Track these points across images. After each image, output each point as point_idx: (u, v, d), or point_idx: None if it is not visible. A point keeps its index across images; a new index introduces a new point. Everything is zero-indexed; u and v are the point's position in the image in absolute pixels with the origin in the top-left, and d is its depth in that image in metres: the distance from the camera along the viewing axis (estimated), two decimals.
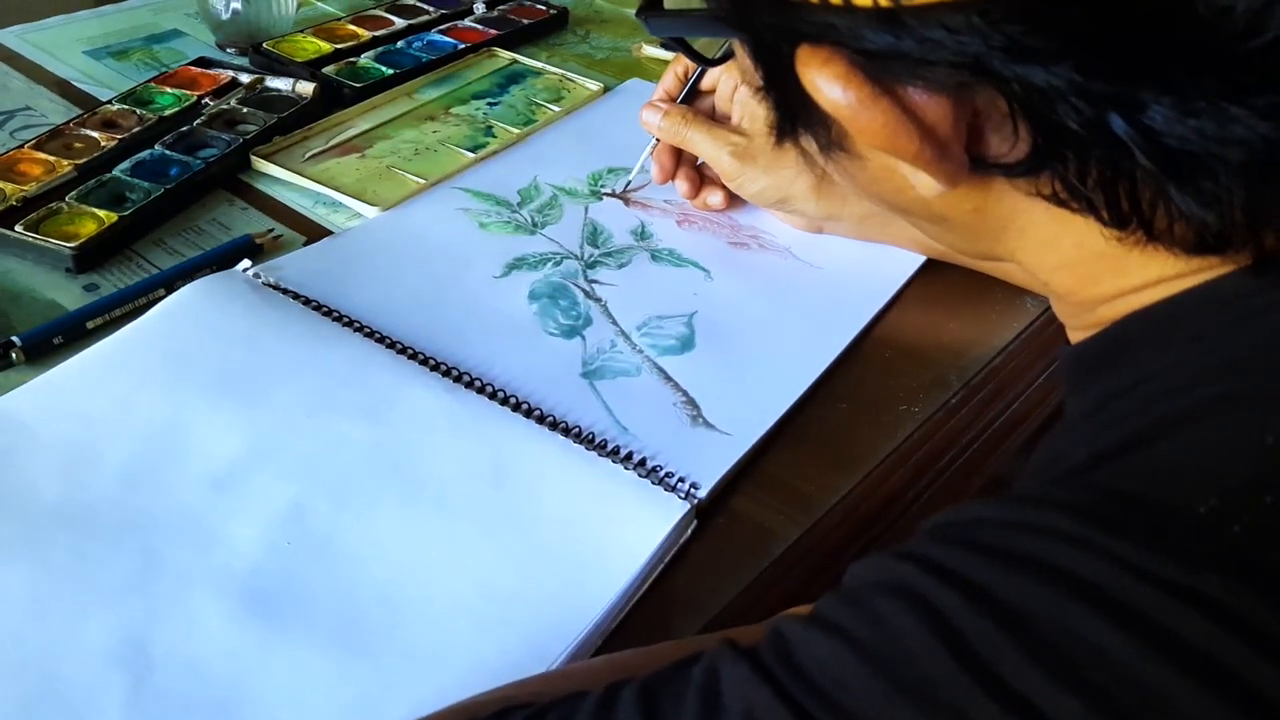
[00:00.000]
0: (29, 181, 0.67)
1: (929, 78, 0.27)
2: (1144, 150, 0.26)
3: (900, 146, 0.29)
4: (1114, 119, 0.26)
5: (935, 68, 0.27)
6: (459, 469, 0.50)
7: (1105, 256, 0.30)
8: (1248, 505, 0.24)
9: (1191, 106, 0.25)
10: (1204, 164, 0.26)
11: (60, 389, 0.52)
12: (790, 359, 0.61)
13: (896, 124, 0.28)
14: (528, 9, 0.99)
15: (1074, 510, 0.25)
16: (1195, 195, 0.27)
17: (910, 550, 0.26)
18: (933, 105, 0.28)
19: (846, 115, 0.29)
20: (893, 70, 0.28)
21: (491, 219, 0.70)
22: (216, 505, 0.48)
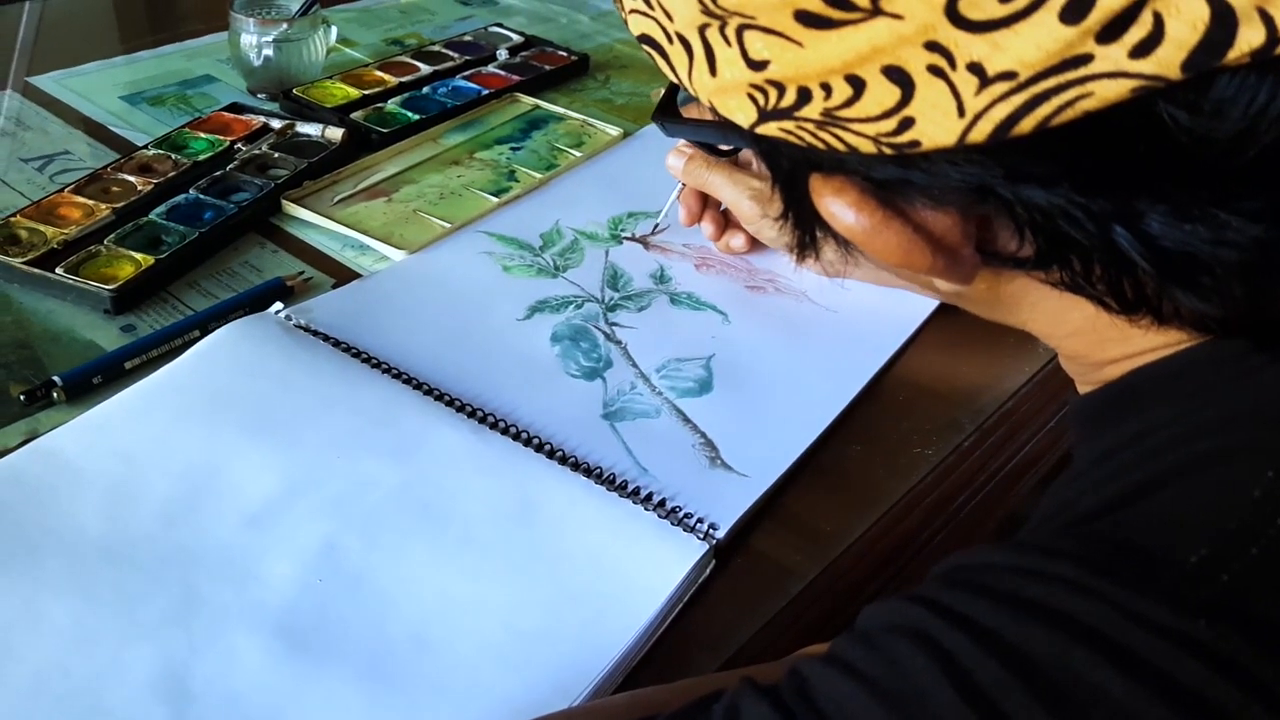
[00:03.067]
0: (69, 225, 0.69)
1: (937, 197, 0.29)
2: (1143, 255, 0.27)
3: (914, 262, 0.31)
4: (1114, 229, 0.27)
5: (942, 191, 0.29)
6: (485, 509, 0.52)
7: (1114, 327, 0.32)
8: (1236, 555, 0.25)
9: (1186, 214, 0.27)
10: (1202, 263, 0.27)
11: (101, 428, 0.54)
12: (806, 401, 0.62)
13: (909, 243, 0.30)
14: (550, 55, 1.02)
15: (1076, 558, 0.26)
16: (1195, 292, 0.29)
17: (921, 594, 0.28)
18: (942, 219, 0.30)
19: (861, 238, 0.31)
20: (902, 193, 0.30)
21: (514, 262, 0.72)
22: (252, 542, 0.49)
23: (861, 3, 0.25)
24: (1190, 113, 0.25)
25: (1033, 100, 0.25)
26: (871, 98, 0.26)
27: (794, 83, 0.27)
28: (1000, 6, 0.24)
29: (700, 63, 0.29)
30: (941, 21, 0.24)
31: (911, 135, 0.27)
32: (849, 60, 0.26)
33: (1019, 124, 0.25)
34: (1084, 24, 0.23)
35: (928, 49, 0.25)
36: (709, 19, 0.28)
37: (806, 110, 0.28)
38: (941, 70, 0.25)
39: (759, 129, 0.29)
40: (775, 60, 0.27)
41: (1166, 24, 0.23)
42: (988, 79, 0.25)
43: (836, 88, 0.27)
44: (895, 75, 0.26)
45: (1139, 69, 0.24)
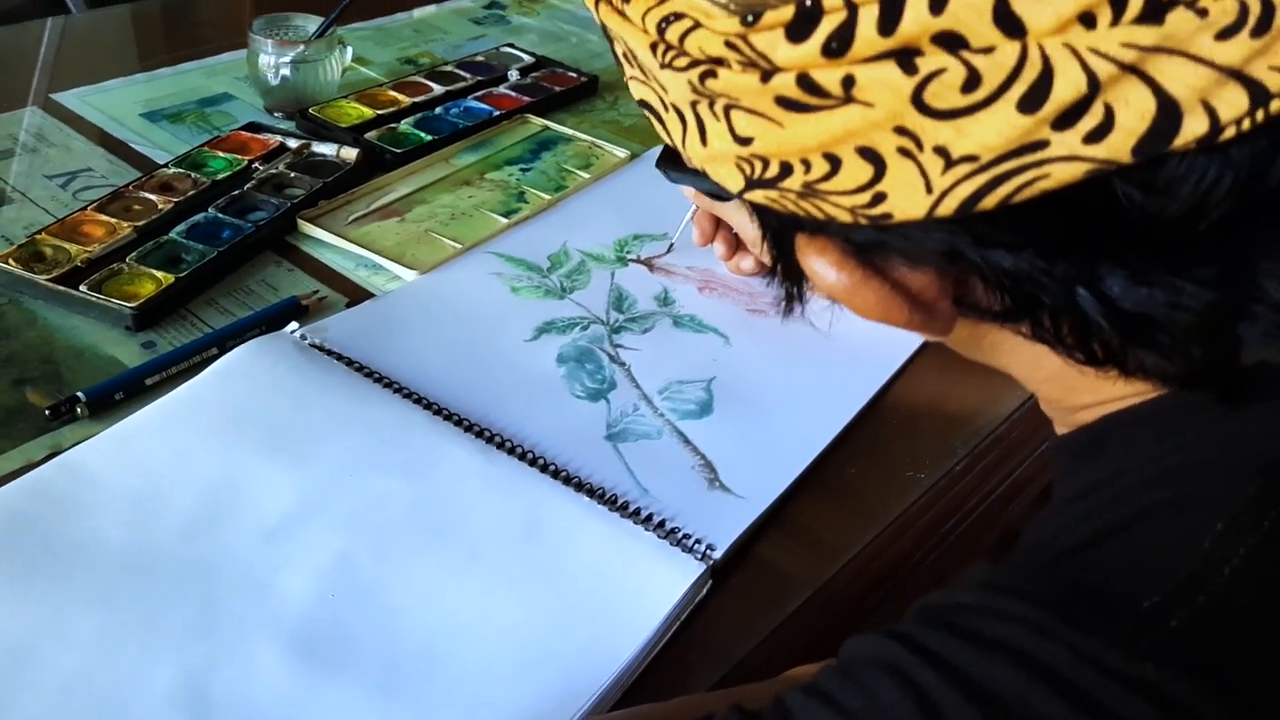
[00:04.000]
0: (92, 243, 0.72)
1: (913, 258, 0.32)
2: (1104, 316, 0.30)
3: (892, 317, 0.33)
4: (1077, 291, 0.29)
5: (917, 253, 0.31)
6: (492, 527, 0.54)
7: (1084, 377, 0.34)
8: (1185, 602, 0.27)
9: (1143, 279, 0.29)
10: (1160, 324, 0.29)
11: (124, 443, 0.57)
12: (803, 425, 0.64)
13: (888, 300, 0.32)
14: (560, 76, 1.04)
15: (1040, 601, 0.28)
16: (1155, 350, 0.31)
17: (898, 630, 0.30)
18: (919, 277, 0.32)
19: (842, 296, 0.33)
20: (881, 254, 0.32)
21: (523, 284, 0.74)
22: (269, 556, 0.51)
23: (835, 91, 0.27)
24: (1143, 191, 0.27)
25: (994, 180, 0.27)
26: (847, 174, 0.28)
27: (776, 158, 0.29)
28: (962, 97, 0.26)
29: (693, 133, 0.31)
30: (909, 110, 0.26)
31: (884, 209, 0.29)
32: (825, 140, 0.28)
33: (983, 200, 0.27)
34: (1040, 114, 0.26)
35: (897, 133, 0.27)
36: (699, 96, 0.30)
37: (788, 182, 0.30)
38: (910, 152, 0.27)
39: (746, 195, 0.31)
40: (759, 138, 0.29)
41: (1116, 114, 0.25)
42: (952, 160, 0.27)
43: (815, 164, 0.29)
44: (868, 155, 0.28)
45: (1092, 154, 0.26)
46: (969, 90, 0.26)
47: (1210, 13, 0.24)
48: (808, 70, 0.27)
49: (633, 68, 0.33)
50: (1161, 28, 0.24)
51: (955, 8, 0.25)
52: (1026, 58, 0.25)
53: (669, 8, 0.29)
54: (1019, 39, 0.25)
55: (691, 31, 0.28)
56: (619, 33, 0.32)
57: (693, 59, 0.29)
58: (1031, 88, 0.25)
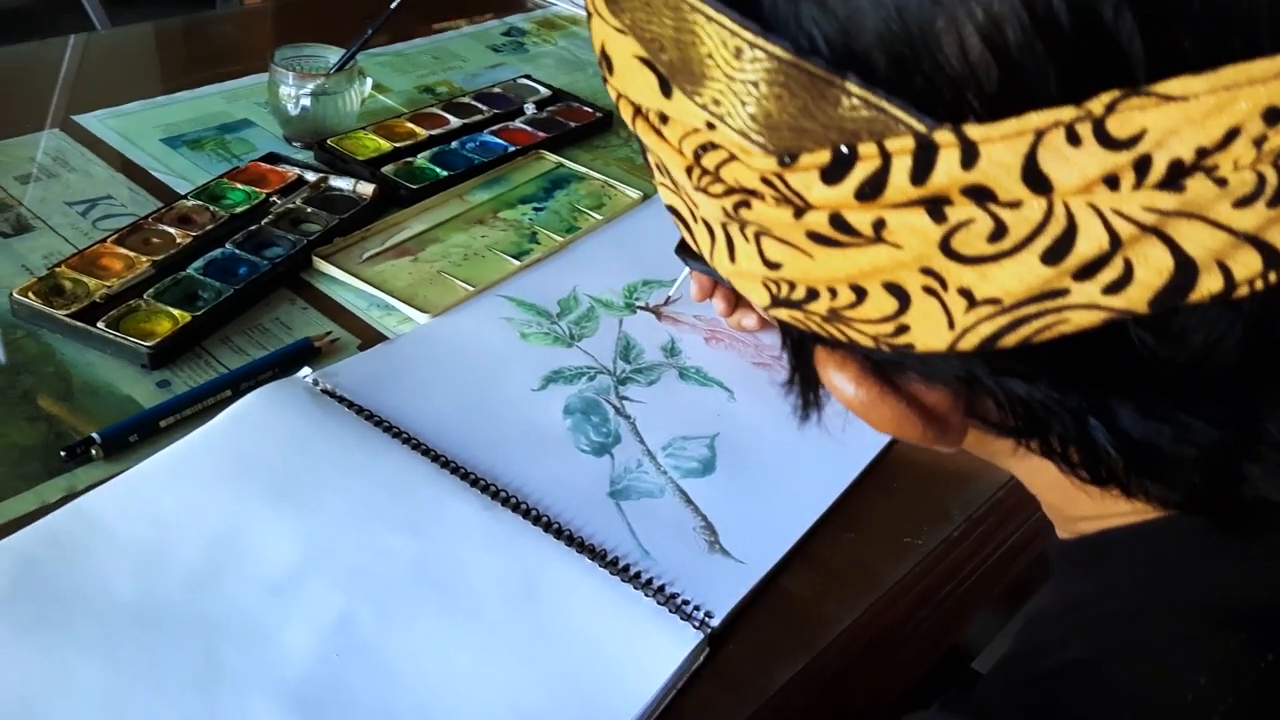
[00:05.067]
0: (110, 277, 0.73)
1: (930, 377, 0.32)
2: (1113, 445, 0.31)
3: (906, 432, 0.34)
4: (1088, 420, 0.30)
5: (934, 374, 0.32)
6: (493, 586, 0.55)
7: (1088, 491, 0.34)
8: None
9: (1152, 413, 0.30)
10: (1165, 456, 0.30)
11: (135, 491, 0.58)
12: (804, 486, 0.65)
13: (903, 416, 0.33)
14: (575, 111, 1.05)
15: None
16: (1159, 479, 0.32)
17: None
18: (933, 394, 0.33)
19: (858, 409, 0.34)
20: (898, 371, 0.33)
21: (532, 329, 0.76)
22: (272, 610, 0.52)
23: (866, 231, 0.28)
24: (1157, 337, 0.28)
25: (1015, 322, 0.28)
26: (872, 305, 0.29)
27: (804, 284, 0.30)
28: (988, 246, 0.27)
29: (721, 249, 0.32)
30: (936, 254, 0.27)
31: (907, 339, 0.30)
32: (853, 274, 0.29)
33: (1003, 339, 0.28)
34: (1062, 266, 0.26)
35: (923, 273, 0.28)
36: (731, 220, 0.31)
37: (814, 306, 0.31)
38: (935, 291, 0.28)
39: (771, 312, 0.32)
40: (788, 265, 0.30)
41: (1135, 269, 0.26)
42: (975, 302, 0.28)
43: (841, 293, 0.30)
44: (894, 290, 0.29)
45: (1110, 304, 0.27)
46: (995, 240, 0.27)
47: (1229, 182, 0.25)
48: (840, 210, 0.28)
49: (664, 177, 0.34)
50: (1182, 195, 0.25)
51: (986, 164, 0.26)
52: (1052, 214, 0.26)
53: (706, 138, 0.30)
54: (1045, 196, 0.26)
55: (728, 163, 0.29)
56: (654, 148, 0.32)
57: (728, 187, 0.30)
58: (1055, 241, 0.26)
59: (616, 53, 0.32)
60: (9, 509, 0.58)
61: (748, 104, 0.28)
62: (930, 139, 0.26)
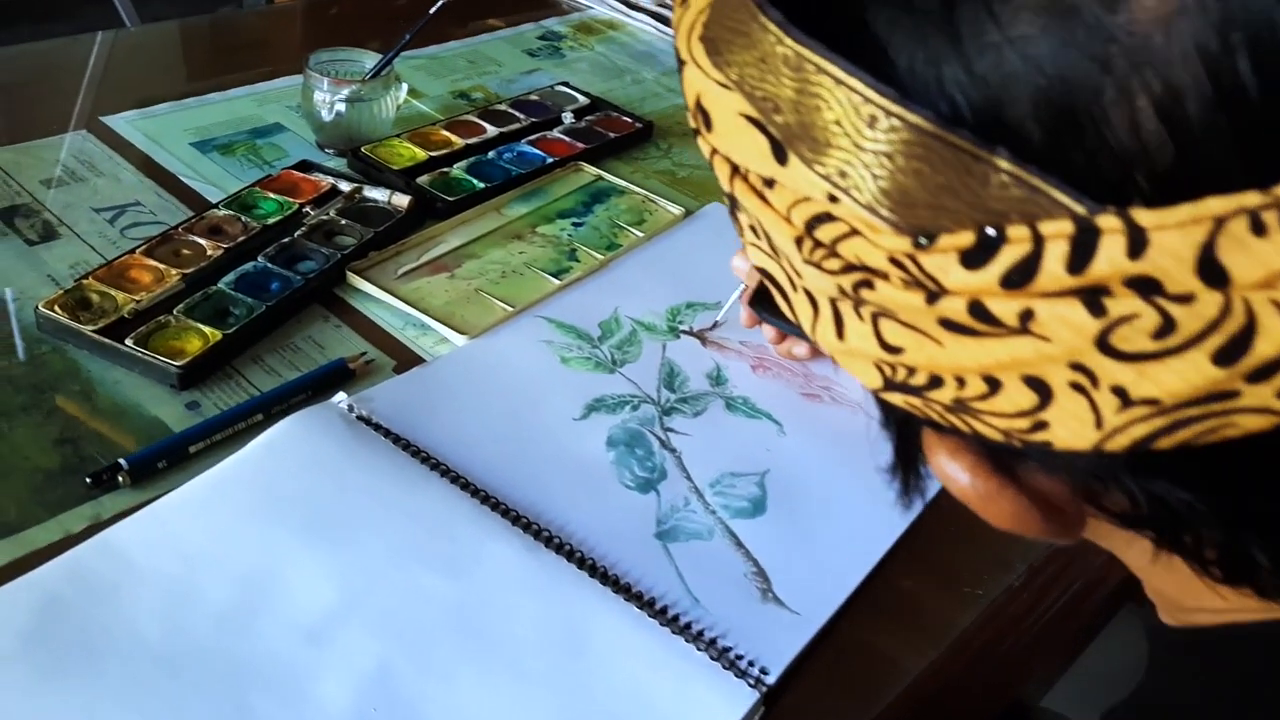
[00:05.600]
0: (139, 290, 0.70)
1: (1054, 469, 0.29)
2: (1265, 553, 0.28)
3: (1026, 527, 0.31)
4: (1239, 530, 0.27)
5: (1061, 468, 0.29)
6: (536, 635, 0.52)
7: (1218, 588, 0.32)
8: None
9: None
10: None
11: (164, 524, 0.55)
12: (859, 530, 0.62)
13: (1024, 511, 0.30)
14: (614, 120, 1.02)
15: None
16: None
17: None
18: (1052, 482, 0.30)
19: (975, 502, 0.31)
20: (1020, 461, 0.30)
21: (573, 353, 0.73)
22: (306, 658, 0.50)
23: (1010, 321, 0.25)
24: None
25: (1174, 424, 0.25)
26: (1006, 398, 0.26)
27: (926, 371, 0.27)
28: (1152, 343, 0.24)
29: (827, 324, 0.29)
30: (1089, 349, 0.24)
31: (1044, 436, 0.27)
32: (987, 365, 0.26)
33: (1158, 442, 0.25)
34: (1236, 367, 0.24)
35: (1071, 368, 0.25)
36: (843, 297, 0.28)
37: (936, 394, 0.28)
38: (1083, 387, 0.25)
39: (883, 395, 0.29)
40: (911, 351, 0.27)
41: None
42: (1130, 401, 0.25)
43: (971, 383, 0.27)
44: (1034, 384, 0.26)
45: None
46: (1160, 337, 0.24)
47: None
48: (981, 298, 0.25)
49: (759, 240, 0.31)
50: None
51: (1155, 254, 0.23)
52: (1229, 310, 0.23)
53: (823, 209, 0.27)
54: (1222, 290, 0.23)
55: (848, 239, 0.26)
56: (754, 213, 0.29)
57: (846, 264, 0.27)
58: (1230, 340, 0.23)
59: (717, 108, 0.29)
60: (32, 538, 0.55)
61: (880, 177, 0.25)
62: (1092, 223, 0.23)
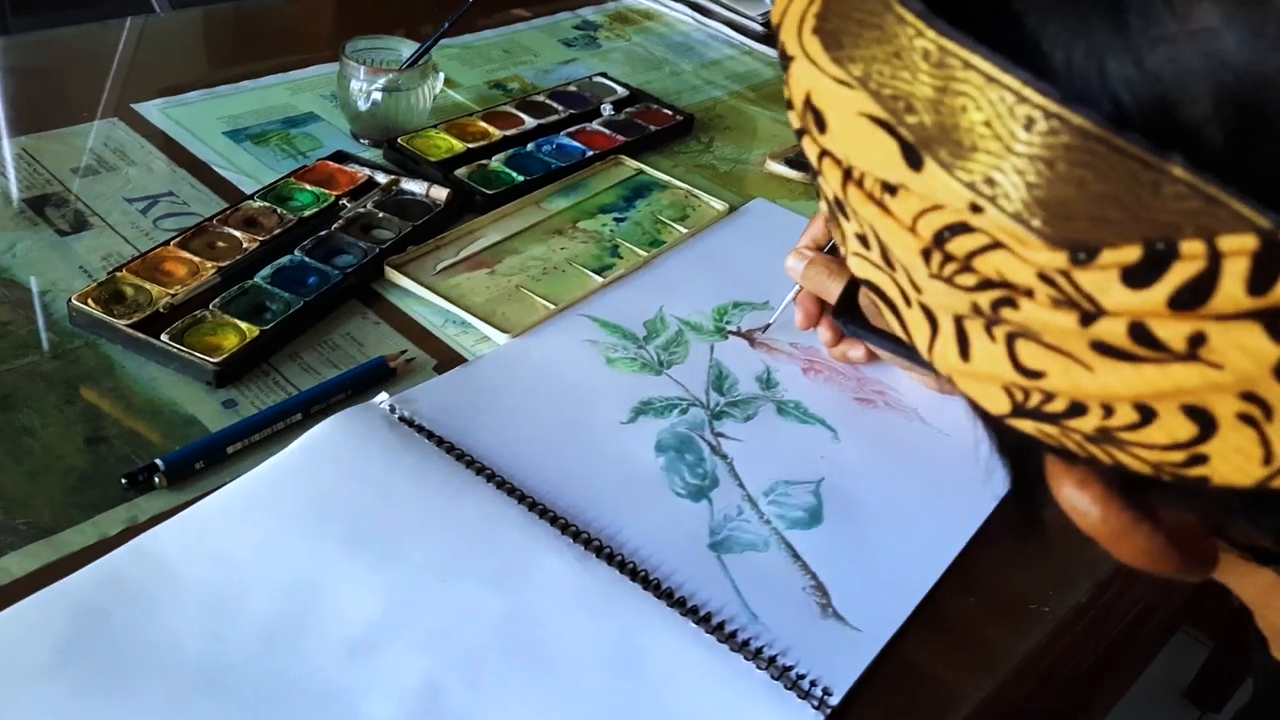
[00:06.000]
0: (174, 284, 0.68)
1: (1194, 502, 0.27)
2: None
3: (1159, 565, 0.28)
4: None
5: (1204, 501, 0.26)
6: (590, 653, 0.50)
7: None
8: None
9: None
10: None
11: (203, 529, 0.53)
12: (920, 541, 0.60)
13: (1158, 549, 0.28)
14: (654, 113, 1.00)
15: None
16: None
17: None
18: (1184, 517, 0.28)
19: (1104, 537, 0.28)
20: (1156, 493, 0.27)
21: (618, 354, 0.70)
22: (354, 675, 0.48)
23: (1177, 346, 0.22)
24: None
25: None
26: (1161, 429, 0.24)
27: (1067, 397, 0.25)
28: None
29: (948, 343, 0.27)
30: (1267, 378, 0.22)
31: (1201, 471, 0.24)
32: (1144, 392, 0.23)
33: None
34: None
35: (1243, 398, 0.22)
36: (975, 316, 0.25)
37: (1077, 423, 0.25)
38: (1254, 419, 0.23)
39: (1010, 422, 0.27)
40: (1053, 375, 0.25)
41: None
42: None
43: (1120, 411, 0.24)
44: (1196, 414, 0.23)
45: None
46: None
47: None
48: (1144, 320, 0.22)
49: (865, 250, 0.28)
50: None
51: None
52: None
53: (958, 218, 0.24)
54: None
55: (989, 252, 0.24)
56: (870, 221, 0.27)
57: (984, 280, 0.24)
58: None
59: (833, 108, 0.27)
60: (66, 541, 0.53)
61: (1035, 185, 0.23)
62: (1278, 239, 0.20)
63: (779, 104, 1.09)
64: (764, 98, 1.10)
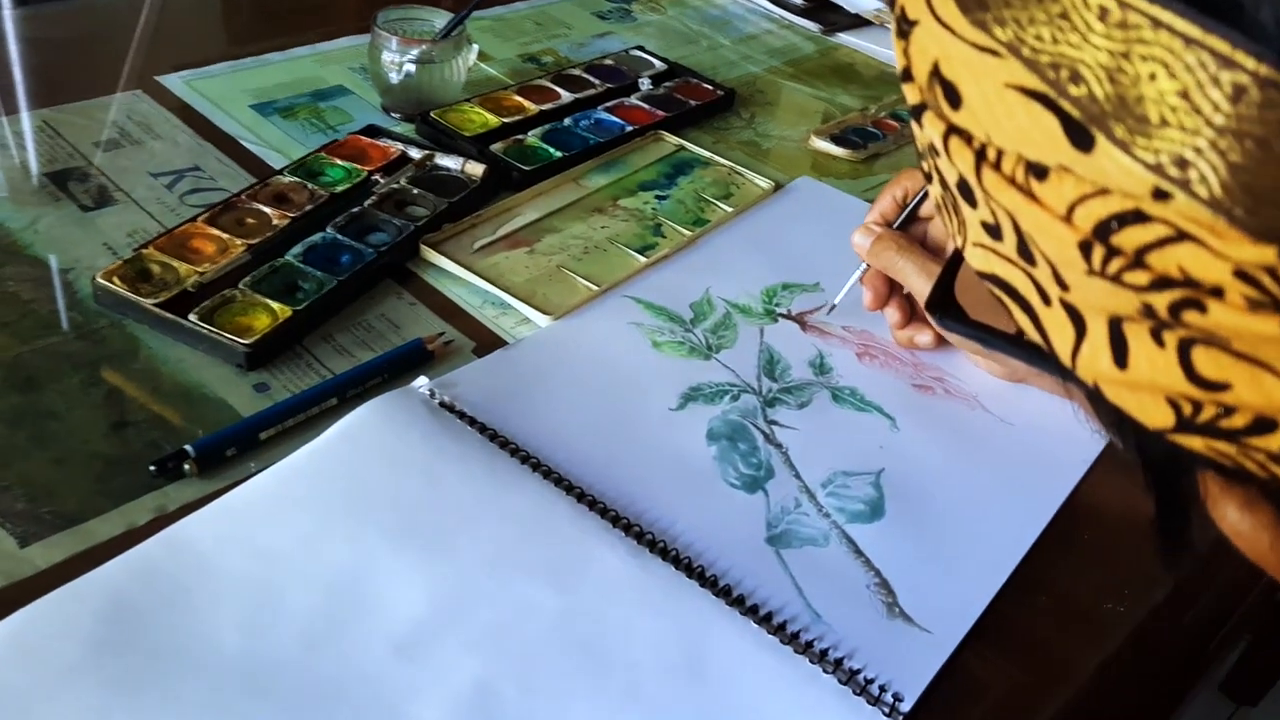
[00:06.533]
0: (202, 261, 0.65)
1: None
2: None
3: None
4: None
5: None
6: (651, 655, 0.47)
7: None
8: None
9: None
10: None
11: (239, 518, 0.50)
12: (985, 536, 0.57)
13: None
14: (694, 88, 0.96)
15: None
16: None
17: None
18: None
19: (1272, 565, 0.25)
20: None
21: (665, 337, 0.67)
22: (400, 677, 0.45)
23: None
24: None
25: None
26: None
27: (1253, 410, 0.22)
28: None
29: (1098, 347, 0.23)
30: None
31: None
32: None
33: None
34: None
35: None
36: (1143, 319, 0.22)
37: (1260, 440, 0.22)
38: None
39: (1173, 438, 0.24)
40: (1238, 386, 0.21)
41: None
42: None
43: None
44: None
45: None
46: None
47: None
48: None
49: (999, 241, 0.25)
50: None
51: None
52: None
53: (1131, 204, 0.21)
54: None
55: (1169, 245, 0.21)
56: (1009, 209, 0.24)
57: (1160, 278, 0.21)
58: None
59: (972, 79, 0.23)
60: (93, 531, 0.51)
61: (1241, 167, 0.19)
62: None
63: (820, 80, 1.06)
64: (804, 73, 1.07)
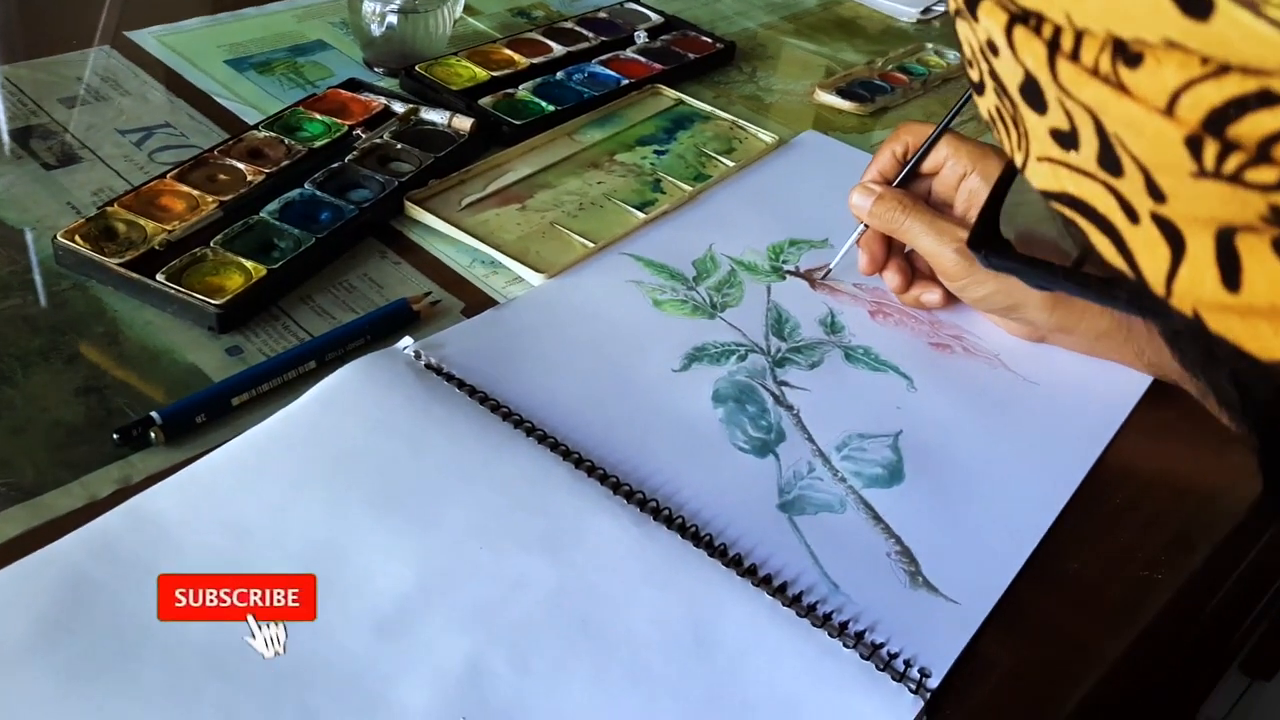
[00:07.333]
0: (171, 219, 0.61)
1: None
2: None
3: None
4: None
5: None
6: (655, 630, 0.43)
7: None
8: None
9: None
10: None
11: (208, 489, 0.46)
12: (1013, 501, 0.53)
13: None
14: (692, 41, 0.92)
15: None
16: None
17: None
18: None
19: None
20: None
21: (666, 295, 0.63)
22: (382, 656, 0.41)
23: None
24: None
25: None
26: None
27: None
28: None
29: (1201, 267, 0.19)
30: None
31: None
32: None
33: None
34: None
35: None
36: (1261, 227, 0.18)
37: None
38: None
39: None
40: None
41: None
42: None
43: None
44: None
45: None
46: None
47: None
48: None
49: (1074, 152, 0.21)
50: None
51: None
52: None
53: (1247, 85, 0.17)
54: None
55: None
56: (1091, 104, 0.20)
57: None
58: None
59: None
60: (52, 504, 0.47)
61: None
62: None
63: (823, 35, 1.01)
64: (806, 27, 1.02)
